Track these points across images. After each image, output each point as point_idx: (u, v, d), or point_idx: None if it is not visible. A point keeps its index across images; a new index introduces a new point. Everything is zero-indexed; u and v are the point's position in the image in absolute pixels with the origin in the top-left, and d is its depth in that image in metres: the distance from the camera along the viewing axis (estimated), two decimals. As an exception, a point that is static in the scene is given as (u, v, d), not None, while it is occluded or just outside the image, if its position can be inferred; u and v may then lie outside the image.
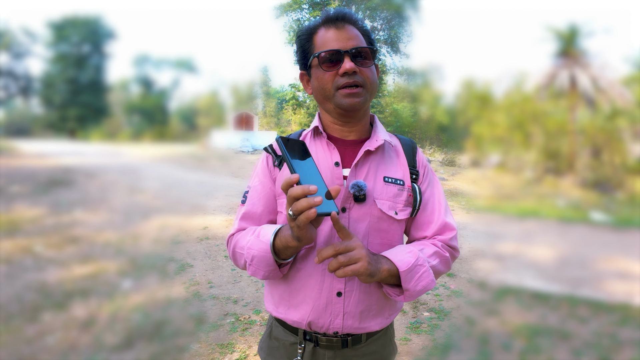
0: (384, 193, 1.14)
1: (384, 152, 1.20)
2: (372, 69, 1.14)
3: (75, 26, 24.62)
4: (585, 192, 12.87)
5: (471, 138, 16.67)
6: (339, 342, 1.16)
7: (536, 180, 14.15)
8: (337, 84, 1.10)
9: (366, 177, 1.14)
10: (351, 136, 1.21)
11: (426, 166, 1.26)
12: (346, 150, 1.18)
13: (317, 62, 1.12)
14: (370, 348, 1.21)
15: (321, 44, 1.12)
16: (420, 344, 3.20)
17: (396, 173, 1.18)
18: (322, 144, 1.19)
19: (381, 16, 24.89)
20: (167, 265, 4.78)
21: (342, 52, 1.09)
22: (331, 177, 1.14)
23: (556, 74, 15.90)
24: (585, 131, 15.02)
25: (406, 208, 1.18)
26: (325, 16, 1.13)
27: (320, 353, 1.18)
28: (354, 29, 1.13)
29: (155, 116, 24.00)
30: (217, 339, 3.14)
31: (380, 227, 1.14)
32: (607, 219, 9.12)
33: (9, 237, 5.44)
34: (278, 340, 1.25)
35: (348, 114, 1.15)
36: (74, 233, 5.82)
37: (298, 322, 1.16)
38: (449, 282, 4.54)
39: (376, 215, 1.13)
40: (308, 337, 1.18)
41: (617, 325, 3.62)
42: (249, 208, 1.23)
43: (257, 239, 1.10)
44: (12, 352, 2.82)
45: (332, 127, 1.21)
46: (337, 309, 1.12)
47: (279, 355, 1.24)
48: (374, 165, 1.17)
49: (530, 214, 9.39)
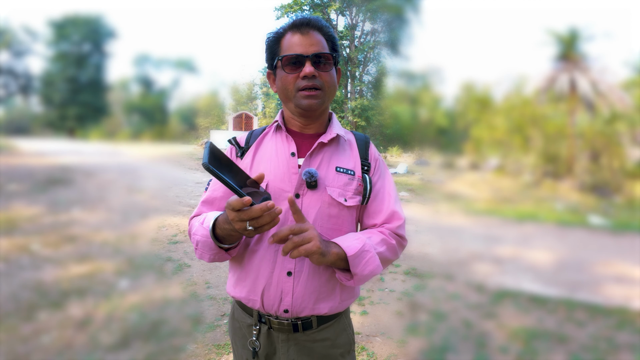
0: (335, 181, 1.24)
1: (338, 145, 1.31)
2: (331, 73, 1.24)
3: (76, 25, 24.61)
4: (584, 195, 12.87)
5: (470, 141, 16.67)
6: (290, 326, 1.23)
7: (535, 183, 14.16)
8: (298, 85, 1.21)
9: (319, 166, 1.24)
10: (309, 130, 1.31)
11: (377, 159, 1.36)
12: (303, 143, 1.29)
13: (281, 65, 1.22)
14: (322, 334, 1.27)
15: (286, 48, 1.22)
16: (417, 346, 3.19)
17: (347, 164, 1.28)
18: (282, 137, 1.30)
19: (381, 18, 24.95)
20: (164, 265, 4.77)
21: (304, 57, 1.19)
22: (287, 165, 1.24)
23: (556, 77, 15.91)
24: (584, 135, 15.03)
25: (355, 196, 1.27)
26: (292, 21, 1.24)
27: (274, 335, 1.26)
28: (319, 34, 1.23)
29: (155, 116, 23.98)
30: (213, 340, 3.13)
31: (331, 213, 1.23)
32: (605, 222, 9.12)
33: (6, 236, 5.43)
34: (238, 321, 1.34)
35: (306, 113, 1.25)
36: (71, 232, 5.81)
37: (253, 301, 1.24)
38: (447, 285, 4.54)
39: (327, 201, 1.22)
40: (263, 319, 1.25)
41: (614, 329, 3.62)
42: (209, 194, 1.34)
43: (200, 225, 1.19)
44: (7, 351, 2.81)
45: (293, 122, 1.32)
46: (287, 288, 1.20)
47: (241, 335, 1.33)
48: (327, 156, 1.27)
49: (528, 218, 9.39)
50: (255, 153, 1.30)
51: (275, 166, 1.25)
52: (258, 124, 29.07)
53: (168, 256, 5.04)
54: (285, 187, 1.22)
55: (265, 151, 1.30)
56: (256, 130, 1.38)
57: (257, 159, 1.29)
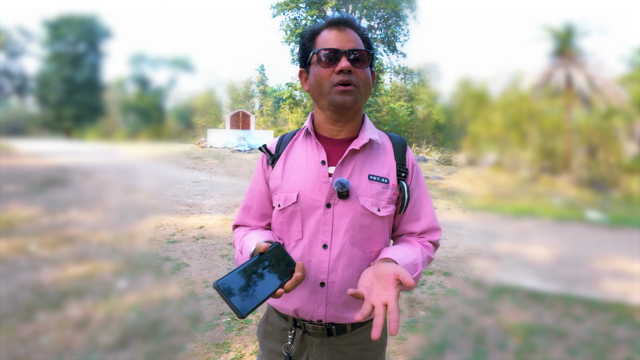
0: (367, 190, 1.21)
1: (371, 151, 1.26)
2: (366, 71, 1.21)
3: (70, 25, 24.47)
4: (581, 191, 12.91)
5: (467, 137, 16.69)
6: (324, 330, 1.23)
7: (532, 179, 14.19)
8: (333, 81, 1.16)
9: (351, 175, 1.21)
10: (340, 135, 1.27)
11: (414, 165, 1.32)
12: (334, 149, 1.25)
13: (316, 59, 1.19)
14: (357, 338, 1.27)
15: (322, 43, 1.19)
16: (416, 343, 3.20)
17: (381, 171, 1.24)
18: (312, 144, 1.27)
19: (378, 15, 24.89)
20: (162, 264, 4.77)
21: (340, 52, 1.16)
22: (317, 175, 1.22)
23: (552, 73, 15.92)
24: (580, 130, 15.05)
25: (389, 205, 1.24)
26: (329, 19, 1.21)
27: (309, 339, 1.26)
28: (355, 33, 1.21)
29: (152, 115, 23.88)
30: (212, 339, 3.13)
31: (363, 223, 1.20)
32: (602, 217, 9.15)
33: (3, 237, 5.41)
34: (272, 325, 1.34)
35: (340, 111, 1.21)
36: (69, 232, 5.80)
37: (287, 310, 1.24)
38: (445, 281, 4.55)
39: (359, 211, 1.19)
40: (298, 324, 1.26)
41: (612, 324, 3.63)
42: (246, 203, 1.38)
43: (240, 254, 1.24)
44: (6, 352, 2.81)
45: (324, 127, 1.28)
46: (320, 298, 1.20)
47: (273, 339, 1.33)
48: (359, 163, 1.23)
49: (526, 213, 9.42)
50: (286, 161, 1.28)
51: (305, 176, 1.23)
52: (255, 122, 29.02)
53: (166, 256, 5.04)
54: (316, 197, 1.20)
55: (295, 159, 1.27)
56: (286, 135, 1.35)
57: (287, 167, 1.27)
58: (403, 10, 24.26)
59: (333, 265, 1.19)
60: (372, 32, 25.33)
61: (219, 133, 26.04)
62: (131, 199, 8.62)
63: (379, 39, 25.07)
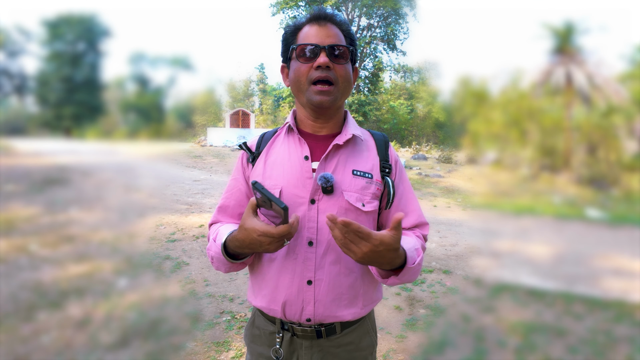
0: (352, 185, 1.19)
1: (354, 146, 1.26)
2: (347, 67, 1.19)
3: (70, 24, 24.43)
4: (581, 189, 12.90)
5: (467, 135, 16.67)
6: (313, 332, 1.21)
7: (532, 177, 14.18)
8: (311, 77, 1.15)
9: (335, 170, 1.20)
10: (323, 131, 1.27)
11: (397, 161, 1.32)
12: (317, 145, 1.24)
13: (296, 55, 1.18)
14: (346, 339, 1.25)
15: (302, 39, 1.18)
16: (416, 341, 3.20)
17: (365, 166, 1.23)
18: (294, 140, 1.26)
19: (377, 13, 24.85)
20: (162, 263, 4.77)
21: (319, 47, 1.14)
22: (300, 170, 1.20)
23: (552, 71, 15.90)
24: (580, 128, 15.04)
25: (373, 201, 1.22)
26: (310, 14, 1.19)
27: (298, 342, 1.23)
28: (336, 28, 1.20)
29: (151, 114, 23.87)
30: (213, 337, 3.13)
31: (348, 218, 1.18)
32: (602, 215, 9.15)
33: (4, 237, 5.41)
34: (259, 328, 1.30)
35: (319, 110, 1.20)
36: (69, 232, 5.80)
37: (274, 310, 1.21)
38: (445, 279, 4.55)
39: (344, 206, 1.18)
40: (286, 327, 1.23)
41: (612, 322, 3.64)
42: (223, 201, 1.34)
43: (214, 242, 1.20)
44: (7, 352, 2.81)
45: (306, 123, 1.27)
46: (308, 297, 1.18)
47: (260, 343, 1.30)
48: (342, 158, 1.22)
49: (526, 211, 9.41)
50: (267, 158, 1.26)
51: (288, 172, 1.21)
52: (255, 121, 29.00)
53: (166, 254, 5.04)
54: (300, 193, 1.18)
55: (277, 155, 1.25)
56: (267, 133, 1.34)
57: (268, 164, 1.25)
58: (403, 9, 24.22)
59: (320, 262, 1.17)
60: (371, 30, 25.33)
61: (218, 132, 26.01)
62: (131, 198, 8.61)
63: (378, 37, 25.03)
